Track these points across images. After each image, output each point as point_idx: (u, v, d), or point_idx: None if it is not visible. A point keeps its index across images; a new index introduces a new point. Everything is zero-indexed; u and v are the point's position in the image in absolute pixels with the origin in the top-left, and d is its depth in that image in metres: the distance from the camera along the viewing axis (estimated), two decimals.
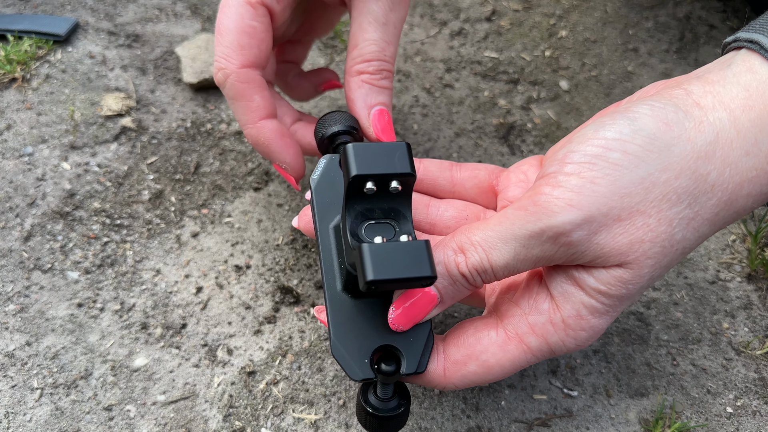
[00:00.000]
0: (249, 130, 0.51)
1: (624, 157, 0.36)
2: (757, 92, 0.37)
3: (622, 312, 0.41)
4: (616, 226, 0.37)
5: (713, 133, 0.37)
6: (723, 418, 0.53)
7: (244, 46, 0.49)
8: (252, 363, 0.55)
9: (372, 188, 0.39)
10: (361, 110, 0.50)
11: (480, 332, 0.42)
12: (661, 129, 0.37)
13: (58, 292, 0.59)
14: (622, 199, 0.36)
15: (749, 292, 0.60)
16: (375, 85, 0.50)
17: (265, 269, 0.61)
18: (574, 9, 0.87)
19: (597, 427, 0.52)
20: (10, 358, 0.55)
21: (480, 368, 0.41)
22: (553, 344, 0.40)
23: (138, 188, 0.66)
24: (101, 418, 0.52)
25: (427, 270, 0.37)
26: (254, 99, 0.49)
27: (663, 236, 0.37)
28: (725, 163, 0.37)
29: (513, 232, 0.38)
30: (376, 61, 0.50)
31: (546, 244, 0.37)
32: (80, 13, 0.83)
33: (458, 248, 0.39)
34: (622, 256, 0.37)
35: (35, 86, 0.74)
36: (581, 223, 0.36)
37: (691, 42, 0.82)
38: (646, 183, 0.36)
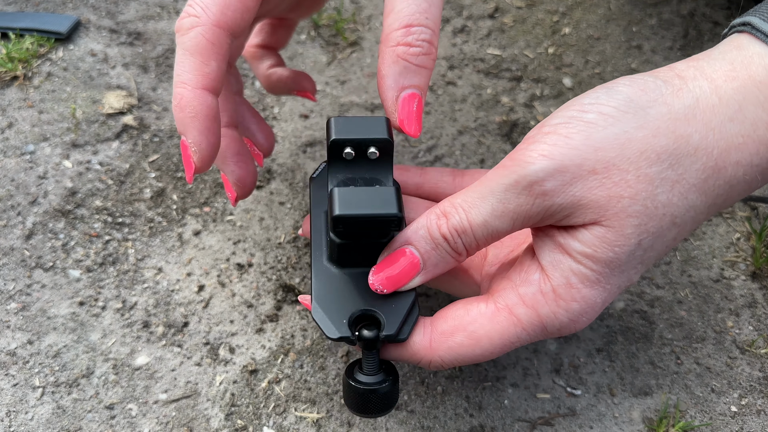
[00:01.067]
0: (182, 90, 0.42)
1: (599, 117, 0.37)
2: (742, 65, 0.38)
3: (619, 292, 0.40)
4: (591, 178, 0.36)
5: (692, 99, 0.37)
6: (727, 417, 0.52)
7: (229, 5, 0.43)
8: (254, 361, 0.55)
9: (350, 152, 0.42)
10: (390, 90, 0.44)
11: (469, 305, 0.41)
12: (637, 93, 0.37)
13: (59, 290, 0.59)
14: (596, 152, 0.36)
15: (754, 290, 0.60)
16: (411, 63, 0.43)
17: (267, 267, 0.61)
18: (577, 6, 0.87)
19: (601, 426, 0.52)
20: (12, 357, 0.55)
21: (467, 339, 0.40)
22: (544, 316, 0.39)
23: (140, 186, 0.66)
24: (103, 417, 0.52)
25: (393, 208, 0.39)
26: (210, 63, 0.42)
27: (643, 194, 0.37)
28: (708, 127, 0.37)
29: (490, 188, 0.38)
30: (416, 26, 0.42)
31: (521, 196, 0.37)
32: (82, 11, 0.83)
33: (441, 213, 0.40)
34: (600, 210, 0.37)
35: (37, 84, 0.74)
36: (554, 172, 0.36)
37: (695, 39, 0.82)
38: (622, 139, 0.36)
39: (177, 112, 0.43)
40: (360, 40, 0.82)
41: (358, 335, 0.41)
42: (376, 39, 0.83)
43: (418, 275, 0.41)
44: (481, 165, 0.69)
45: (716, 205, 0.39)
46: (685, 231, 0.39)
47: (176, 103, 0.43)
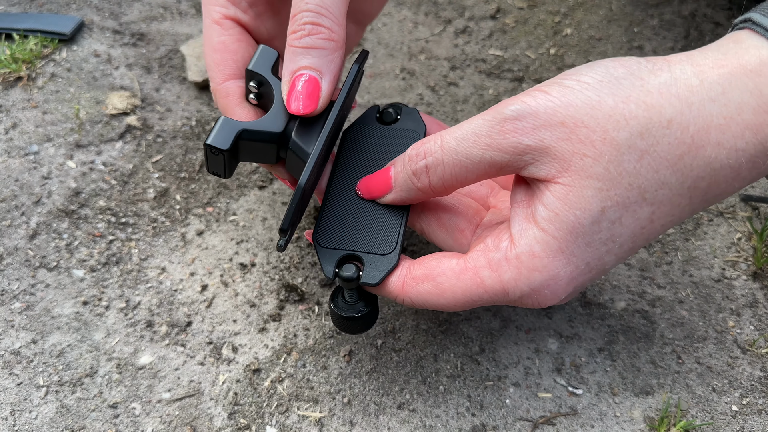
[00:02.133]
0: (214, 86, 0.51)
1: (576, 83, 0.39)
2: (735, 55, 0.38)
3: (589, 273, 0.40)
4: (559, 128, 0.38)
5: (670, 77, 0.38)
6: (728, 416, 0.52)
7: (218, 63, 0.50)
8: (257, 361, 0.55)
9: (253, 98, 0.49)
10: (283, 77, 0.47)
11: (444, 258, 0.44)
12: (616, 67, 0.39)
13: (63, 290, 0.59)
14: (567, 108, 0.38)
15: (755, 290, 0.60)
16: (295, 46, 0.45)
17: (270, 267, 0.61)
18: (579, 7, 0.87)
19: (602, 426, 0.52)
20: (16, 356, 0.55)
21: (434, 289, 0.43)
22: (505, 282, 0.40)
23: (143, 186, 0.67)
24: (106, 416, 0.52)
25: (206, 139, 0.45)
26: (236, 112, 0.49)
27: (607, 157, 0.37)
28: (684, 103, 0.37)
29: (470, 121, 0.41)
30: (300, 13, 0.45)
31: (494, 128, 0.39)
32: (85, 12, 0.83)
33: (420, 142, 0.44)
34: (563, 163, 0.38)
35: (40, 85, 0.74)
36: (526, 114, 0.38)
37: (697, 40, 0.82)
38: (593, 101, 0.38)
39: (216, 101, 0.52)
40: (362, 41, 0.82)
41: (337, 273, 0.45)
42: (378, 40, 0.83)
43: (389, 193, 0.46)
44: None
45: (699, 188, 0.39)
46: (662, 212, 0.39)
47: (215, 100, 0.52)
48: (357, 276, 0.45)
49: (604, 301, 0.59)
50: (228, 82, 0.49)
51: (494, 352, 0.56)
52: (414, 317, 0.58)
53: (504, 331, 0.57)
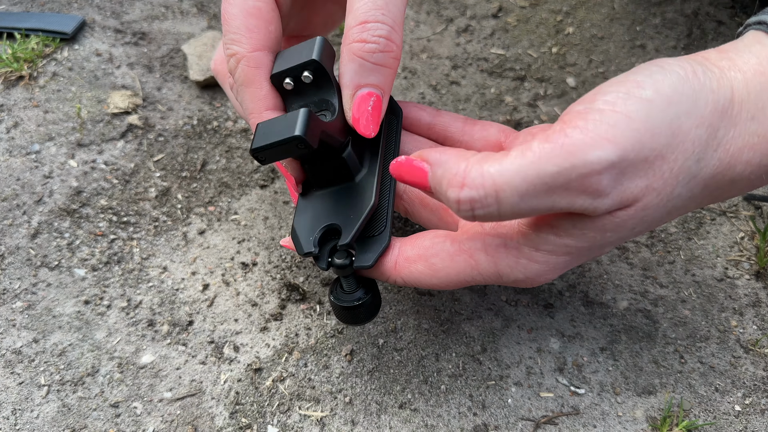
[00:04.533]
0: (254, 119, 0.46)
1: (656, 95, 0.34)
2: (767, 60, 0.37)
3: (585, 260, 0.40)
4: (641, 167, 0.34)
5: (730, 89, 0.36)
6: (731, 416, 0.52)
7: (252, 29, 0.45)
8: (258, 360, 0.55)
9: (289, 83, 0.44)
10: (346, 89, 0.44)
11: (437, 238, 0.43)
12: (690, 75, 0.36)
13: (65, 289, 0.59)
14: (652, 139, 0.34)
15: (758, 289, 0.60)
16: (367, 60, 0.42)
17: (272, 266, 0.61)
18: (581, 5, 0.87)
19: (604, 425, 0.52)
20: (17, 355, 0.55)
21: (427, 269, 0.42)
22: (501, 268, 0.40)
23: (145, 186, 0.67)
24: (108, 415, 0.52)
25: (294, 130, 0.39)
26: (263, 86, 0.45)
27: (668, 189, 0.36)
28: (732, 123, 0.36)
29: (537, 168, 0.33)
30: (372, 23, 0.41)
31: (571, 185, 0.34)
32: (87, 11, 0.83)
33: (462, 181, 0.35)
34: (631, 201, 0.35)
35: (42, 84, 0.74)
36: (614, 164, 0.33)
37: (699, 38, 0.82)
38: (674, 126, 0.35)
39: None
40: None
41: (330, 262, 0.45)
42: None
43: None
44: None
45: (712, 197, 0.39)
46: (671, 217, 0.39)
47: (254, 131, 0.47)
48: (350, 262, 0.45)
49: (606, 301, 0.59)
50: (259, 51, 0.45)
51: (496, 351, 0.56)
52: (416, 316, 0.58)
53: (506, 330, 0.57)
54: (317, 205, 0.47)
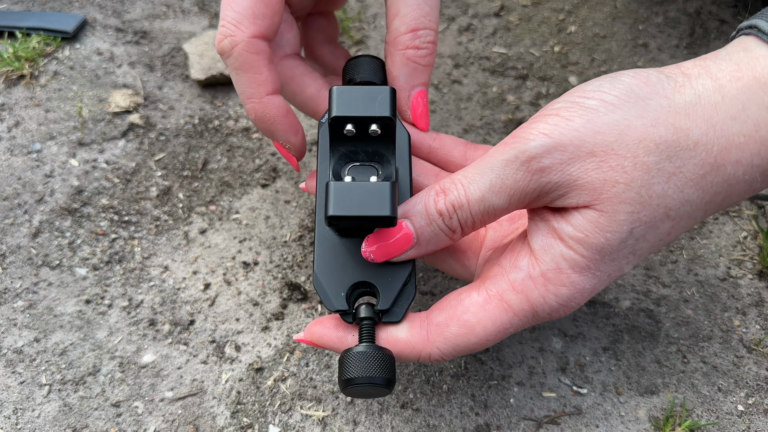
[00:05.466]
0: (253, 104, 0.46)
1: (600, 104, 0.38)
2: (748, 66, 0.38)
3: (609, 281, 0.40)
4: (588, 160, 0.37)
5: (694, 95, 0.38)
6: (734, 416, 0.52)
7: (258, 15, 0.44)
8: (260, 359, 0.55)
9: (351, 130, 0.41)
10: (402, 91, 0.49)
11: (462, 294, 0.42)
12: (639, 85, 0.38)
13: (66, 288, 0.59)
14: (595, 136, 0.37)
15: (761, 289, 0.59)
16: (420, 64, 0.48)
17: (273, 266, 0.61)
18: (583, 4, 0.87)
19: (607, 425, 0.52)
20: (19, 355, 0.55)
21: (461, 329, 0.41)
22: (534, 301, 0.39)
23: (146, 185, 0.66)
24: (109, 415, 0.52)
25: (387, 209, 0.38)
26: (262, 72, 0.45)
27: (639, 182, 0.37)
28: (709, 123, 0.37)
29: (490, 163, 0.39)
30: (423, 30, 0.47)
31: (519, 171, 0.38)
32: (88, 10, 0.83)
33: (440, 189, 0.41)
34: (594, 193, 0.37)
35: (43, 83, 0.74)
36: (552, 149, 0.37)
37: (702, 37, 0.81)
38: (621, 126, 0.37)
39: (259, 124, 0.47)
40: (365, 38, 0.82)
41: (355, 313, 0.42)
42: (382, 37, 0.83)
43: (411, 248, 0.42)
44: None
45: (714, 202, 0.39)
46: (680, 225, 0.39)
47: (254, 117, 0.47)
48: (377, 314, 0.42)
49: (608, 300, 0.59)
50: (259, 39, 0.44)
51: (498, 351, 0.56)
52: None
53: None
54: (344, 255, 0.44)
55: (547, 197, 0.39)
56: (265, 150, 0.70)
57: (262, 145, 0.70)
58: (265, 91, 0.46)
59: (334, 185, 0.39)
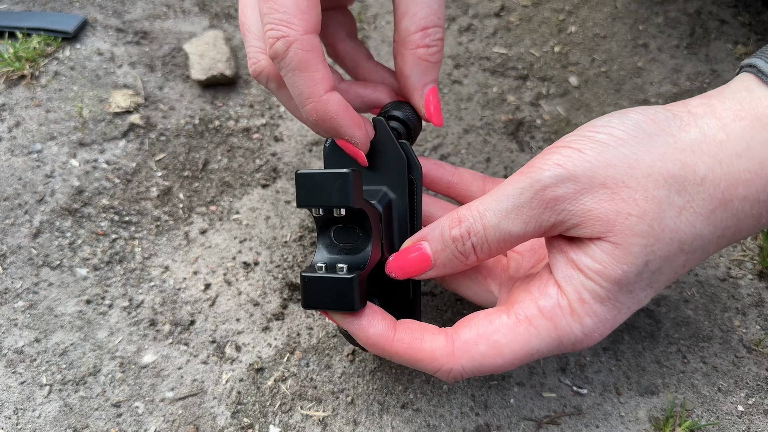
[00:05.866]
0: (314, 104, 0.44)
1: (610, 138, 0.39)
2: (750, 105, 0.39)
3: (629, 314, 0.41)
4: (601, 191, 0.38)
5: (699, 133, 0.39)
6: (734, 416, 0.52)
7: (304, 10, 0.42)
8: (260, 360, 0.55)
9: (320, 213, 0.43)
10: (416, 90, 0.49)
11: (491, 315, 0.42)
12: (646, 122, 0.39)
13: (66, 288, 0.59)
14: (606, 168, 0.38)
15: (761, 289, 0.60)
16: (430, 62, 0.48)
17: (273, 266, 0.61)
18: (583, 4, 0.87)
19: (607, 426, 0.52)
20: (19, 355, 0.55)
21: (490, 349, 0.41)
22: (561, 329, 0.40)
23: (146, 185, 0.66)
24: (109, 415, 0.52)
25: (351, 305, 0.42)
26: (319, 69, 0.43)
27: (651, 215, 0.38)
28: (715, 160, 0.38)
29: (505, 192, 0.40)
30: (432, 28, 0.47)
31: (534, 200, 0.39)
32: (89, 10, 0.83)
33: (457, 217, 0.42)
34: (608, 224, 0.38)
35: (44, 83, 0.74)
36: (565, 180, 0.38)
37: (702, 37, 0.81)
38: (630, 160, 0.38)
39: (320, 125, 0.45)
40: (366, 38, 0.82)
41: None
42: (382, 38, 0.83)
43: (429, 270, 0.44)
44: (487, 163, 0.69)
45: (725, 237, 0.40)
46: (694, 259, 0.40)
47: (315, 118, 0.45)
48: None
49: None
50: (311, 35, 0.43)
51: None
52: None
53: None
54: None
55: (562, 226, 0.40)
56: (266, 150, 0.70)
57: (262, 145, 0.70)
58: (324, 89, 0.44)
59: (304, 279, 0.43)
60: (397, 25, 0.48)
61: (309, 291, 0.43)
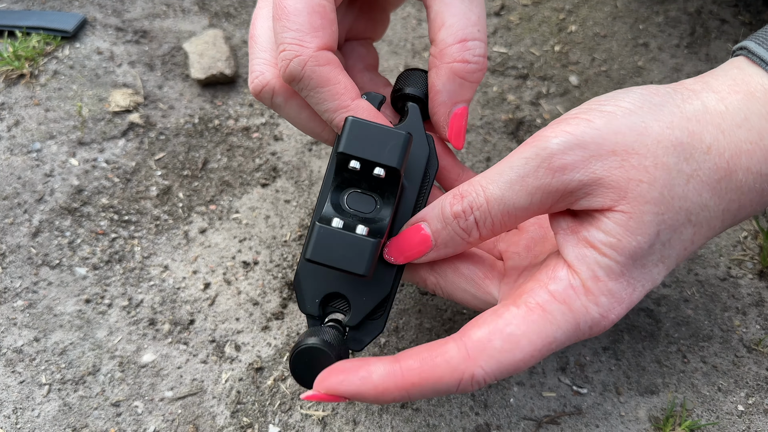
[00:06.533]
0: (342, 115, 0.43)
1: (616, 108, 0.38)
2: (743, 81, 0.40)
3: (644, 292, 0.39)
4: (611, 158, 0.37)
5: (701, 105, 0.39)
6: (734, 416, 0.52)
7: (318, 27, 0.42)
8: (260, 359, 0.55)
9: (355, 167, 0.40)
10: (443, 107, 0.45)
11: (499, 310, 0.39)
12: (651, 94, 0.39)
13: (66, 288, 0.59)
14: (615, 135, 0.37)
15: (761, 289, 0.59)
16: (467, 80, 0.44)
17: (273, 265, 0.61)
18: (583, 4, 0.87)
19: (607, 425, 0.52)
20: (19, 354, 0.55)
21: (506, 343, 0.38)
22: (577, 311, 0.38)
23: (146, 184, 0.66)
24: (109, 414, 0.52)
25: (362, 268, 0.38)
26: (340, 80, 0.42)
27: (661, 182, 0.37)
28: (718, 129, 0.38)
29: (509, 162, 0.39)
30: (471, 41, 0.43)
31: (540, 169, 0.38)
32: (88, 9, 0.83)
33: (458, 192, 0.41)
34: (620, 192, 0.37)
35: (43, 82, 0.74)
36: (574, 146, 0.37)
37: (702, 37, 0.81)
38: (639, 127, 0.38)
39: None
40: None
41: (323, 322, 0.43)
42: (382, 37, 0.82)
43: (430, 251, 0.42)
44: (487, 163, 0.69)
45: (729, 211, 0.39)
46: (701, 234, 0.39)
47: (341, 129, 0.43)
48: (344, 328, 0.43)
49: None
50: (325, 51, 0.42)
51: None
52: (417, 316, 0.58)
53: None
54: None
55: (571, 197, 0.38)
56: (265, 149, 0.70)
57: (262, 144, 0.70)
58: (350, 98, 0.43)
59: (319, 229, 0.39)
60: (434, 40, 0.45)
61: (320, 241, 0.39)
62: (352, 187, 0.42)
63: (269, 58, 0.45)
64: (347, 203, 0.42)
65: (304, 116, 0.46)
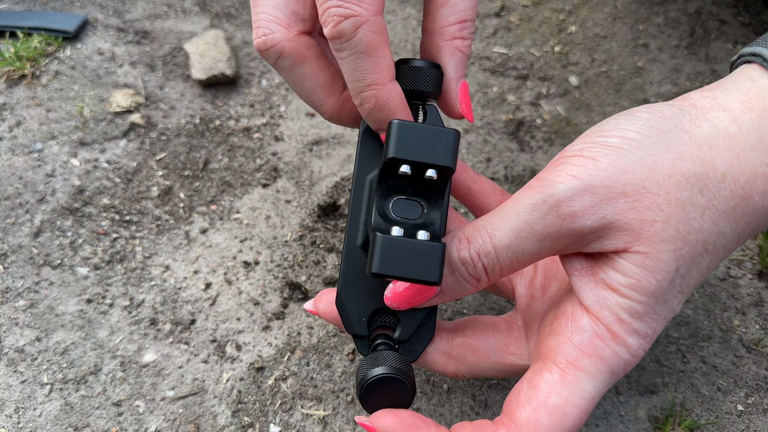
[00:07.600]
0: (375, 92, 0.41)
1: (622, 141, 0.37)
2: (757, 96, 0.38)
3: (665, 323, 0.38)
4: (621, 200, 0.36)
5: (711, 128, 0.37)
6: (733, 415, 0.52)
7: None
8: (261, 359, 0.55)
9: (406, 171, 0.38)
10: (452, 83, 0.45)
11: (533, 381, 0.39)
12: (656, 119, 0.37)
13: (67, 287, 0.59)
14: (625, 175, 0.36)
15: (760, 289, 0.60)
16: (465, 54, 0.45)
17: (274, 265, 0.61)
18: (583, 4, 0.87)
19: (606, 425, 0.52)
20: (20, 354, 0.55)
21: (554, 416, 0.37)
22: (608, 360, 0.37)
23: (147, 184, 0.67)
24: (110, 414, 0.52)
25: (435, 276, 0.37)
26: (386, 54, 0.40)
27: (676, 218, 0.36)
28: (732, 154, 0.37)
29: (515, 209, 0.37)
30: (469, 21, 0.44)
31: (548, 216, 0.36)
32: (89, 10, 0.83)
33: (464, 237, 0.39)
34: (634, 234, 0.36)
35: (45, 83, 0.74)
36: (582, 192, 0.36)
37: (702, 37, 0.82)
38: (649, 162, 0.36)
39: (376, 114, 0.42)
40: None
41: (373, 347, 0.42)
42: None
43: (434, 297, 0.41)
44: (487, 163, 0.69)
45: (745, 233, 0.38)
46: (716, 258, 0.38)
47: (373, 106, 0.41)
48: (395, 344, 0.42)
49: None
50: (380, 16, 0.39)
51: None
52: None
53: None
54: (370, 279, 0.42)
55: (582, 241, 0.37)
56: (266, 150, 0.70)
57: (262, 145, 0.70)
58: (389, 77, 0.41)
59: (382, 240, 0.37)
60: (434, 15, 0.44)
61: (386, 253, 0.36)
62: (395, 194, 0.41)
63: (282, 18, 0.42)
64: (393, 211, 0.40)
65: (307, 85, 0.45)
